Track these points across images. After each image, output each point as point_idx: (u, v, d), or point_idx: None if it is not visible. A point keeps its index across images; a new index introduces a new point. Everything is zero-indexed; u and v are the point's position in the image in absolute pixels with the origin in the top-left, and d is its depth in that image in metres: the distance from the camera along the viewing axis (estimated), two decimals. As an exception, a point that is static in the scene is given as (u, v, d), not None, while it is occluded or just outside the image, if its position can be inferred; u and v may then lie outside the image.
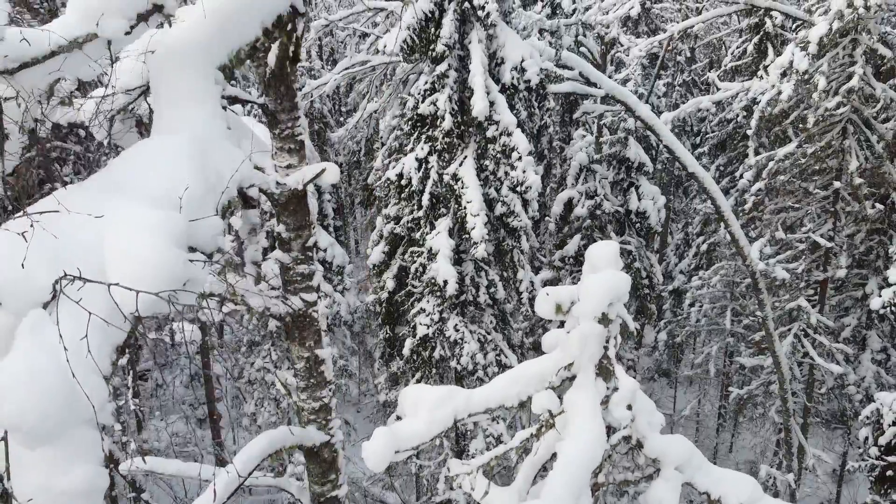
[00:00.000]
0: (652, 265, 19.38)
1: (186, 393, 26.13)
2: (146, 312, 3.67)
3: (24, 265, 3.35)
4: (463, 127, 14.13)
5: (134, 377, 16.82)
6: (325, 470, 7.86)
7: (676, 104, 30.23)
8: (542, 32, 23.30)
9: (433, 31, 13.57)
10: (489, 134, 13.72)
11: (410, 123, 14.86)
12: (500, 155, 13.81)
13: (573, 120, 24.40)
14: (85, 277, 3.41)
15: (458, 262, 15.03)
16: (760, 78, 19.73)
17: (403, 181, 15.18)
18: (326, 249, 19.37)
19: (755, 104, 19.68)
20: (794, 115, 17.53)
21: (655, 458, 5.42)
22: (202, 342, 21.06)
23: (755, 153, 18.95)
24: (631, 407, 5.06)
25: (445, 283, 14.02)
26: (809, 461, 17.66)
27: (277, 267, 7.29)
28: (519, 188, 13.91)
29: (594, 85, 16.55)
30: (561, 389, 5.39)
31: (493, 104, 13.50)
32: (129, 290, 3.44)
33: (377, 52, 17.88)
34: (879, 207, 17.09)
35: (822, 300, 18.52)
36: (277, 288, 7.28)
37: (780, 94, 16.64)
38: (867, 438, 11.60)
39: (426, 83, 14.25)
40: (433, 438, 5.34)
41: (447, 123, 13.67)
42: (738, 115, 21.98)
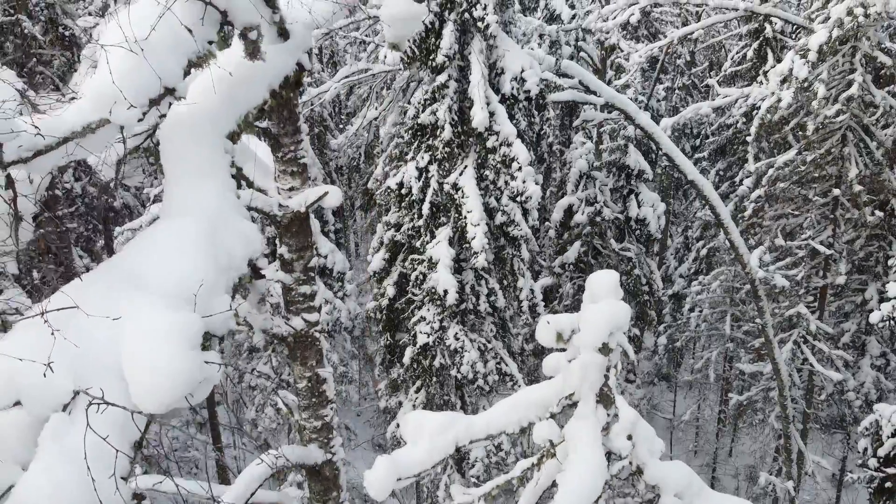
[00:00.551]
0: (652, 271, 19.42)
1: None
2: (163, 412, 3.79)
3: (45, 374, 3.47)
4: (463, 137, 14.16)
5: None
6: (326, 488, 7.90)
7: (676, 107, 30.28)
8: (542, 37, 23.38)
9: (433, 41, 13.60)
10: (489, 144, 13.75)
11: (411, 133, 14.89)
12: (500, 165, 13.84)
13: (573, 123, 24.44)
14: (104, 400, 3.54)
15: (458, 270, 15.07)
16: (760, 84, 19.75)
17: (404, 190, 15.21)
18: (327, 256, 19.39)
19: (755, 110, 19.72)
20: (794, 122, 17.55)
21: (655, 484, 5.46)
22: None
23: (755, 159, 18.98)
24: (631, 437, 5.11)
25: (446, 292, 14.06)
26: (809, 467, 17.71)
27: (279, 287, 7.33)
28: (519, 198, 13.94)
29: (594, 93, 16.56)
30: (562, 415, 5.43)
31: (493, 115, 13.53)
32: (143, 413, 3.62)
33: (376, 59, 17.92)
34: (879, 214, 17.11)
35: (821, 306, 18.56)
36: (279, 308, 7.32)
37: (779, 101, 16.65)
38: (866, 449, 11.64)
39: (426, 92, 14.29)
40: (434, 465, 5.38)
41: (447, 133, 13.70)
42: (737, 120, 22.00)
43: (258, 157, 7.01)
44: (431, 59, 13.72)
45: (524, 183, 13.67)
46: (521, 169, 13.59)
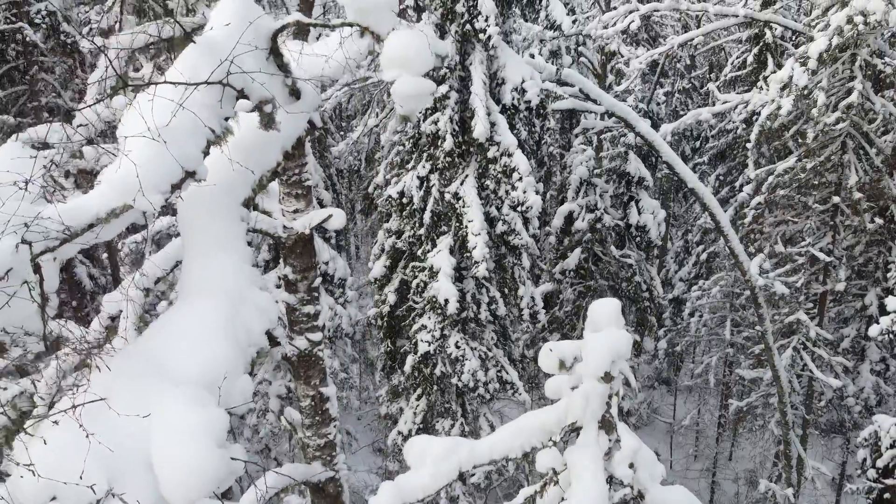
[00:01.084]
0: (652, 278, 19.48)
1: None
2: None
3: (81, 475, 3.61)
4: (464, 147, 14.21)
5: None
6: (329, 504, 7.96)
7: (676, 110, 30.31)
8: (542, 42, 23.39)
9: (435, 51, 13.63)
10: (490, 154, 13.80)
11: (412, 142, 14.95)
12: (500, 175, 13.89)
13: (573, 127, 24.48)
14: None
15: (459, 279, 15.12)
16: (760, 89, 19.78)
17: (405, 199, 15.27)
18: (328, 262, 19.42)
19: (755, 116, 19.76)
20: (794, 128, 17.59)
21: (656, 508, 5.52)
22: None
23: (756, 166, 19.03)
24: (633, 465, 5.17)
25: (446, 301, 14.11)
26: (809, 473, 17.77)
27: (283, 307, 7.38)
28: (520, 208, 14.00)
29: (594, 101, 16.62)
30: (565, 440, 5.49)
31: (493, 125, 13.58)
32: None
33: (377, 67, 17.93)
34: (879, 221, 17.15)
35: (821, 313, 18.61)
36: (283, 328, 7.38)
37: (779, 108, 16.70)
38: (865, 460, 11.70)
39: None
40: (438, 491, 5.44)
41: (448, 144, 13.75)
42: (737, 126, 22.04)
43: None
44: (433, 68, 13.75)
45: (525, 193, 13.72)
46: (521, 179, 13.65)
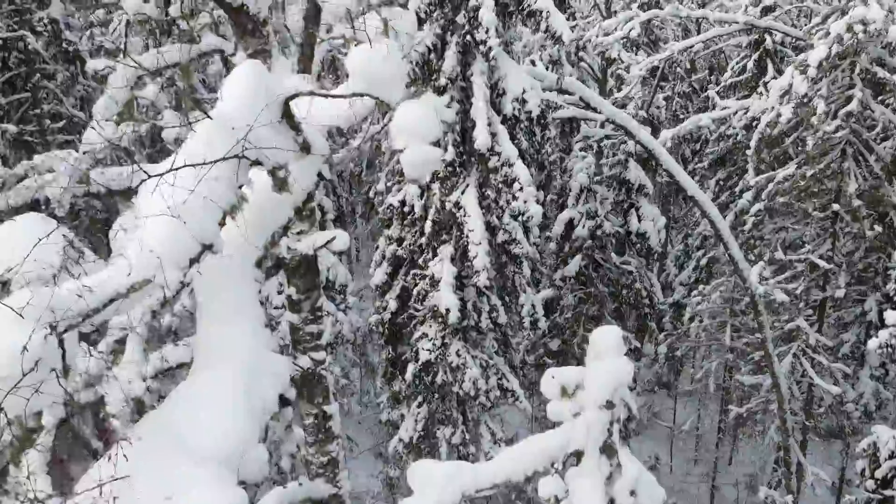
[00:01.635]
0: (652, 284, 19.55)
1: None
2: None
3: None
4: (465, 157, 14.27)
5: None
6: (333, 521, 8.02)
7: (676, 114, 30.35)
8: (543, 48, 23.41)
9: (436, 62, 13.71)
10: (491, 164, 13.84)
11: (413, 151, 14.97)
12: (501, 185, 13.94)
13: (573, 130, 24.49)
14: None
15: (460, 287, 15.17)
16: (760, 95, 19.84)
17: (406, 208, 15.34)
18: (329, 269, 19.47)
19: (755, 122, 19.80)
20: (793, 135, 17.65)
21: (657, 532, 5.58)
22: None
23: (756, 171, 19.08)
24: (634, 492, 5.23)
25: (448, 311, 14.16)
26: (809, 479, 17.83)
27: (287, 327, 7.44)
28: (521, 217, 14.05)
29: (594, 109, 16.66)
30: (567, 466, 5.55)
31: (494, 136, 13.62)
32: None
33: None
34: (878, 229, 17.19)
35: (820, 319, 18.67)
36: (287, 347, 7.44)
37: (779, 116, 16.76)
38: (864, 470, 11.77)
39: (429, 112, 14.37)
40: (442, 516, 5.49)
41: (450, 154, 13.81)
42: (737, 132, 22.08)
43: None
44: (434, 78, 13.83)
45: (525, 203, 13.77)
46: (522, 189, 13.69)
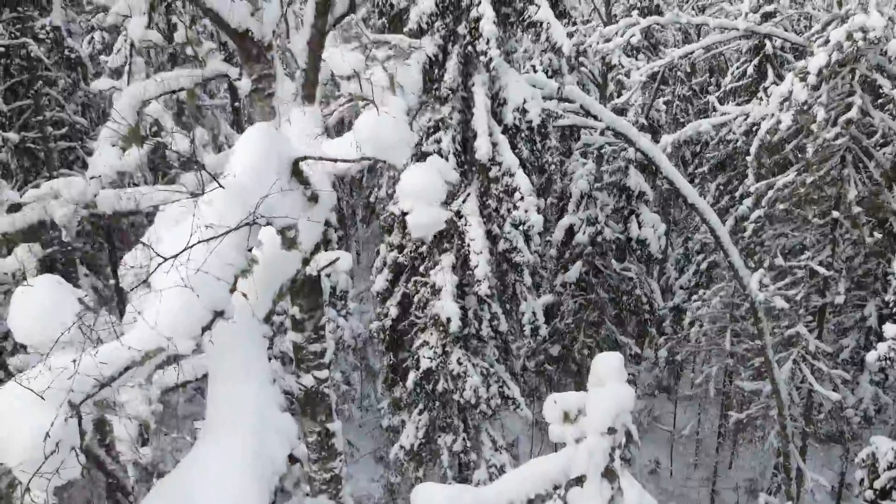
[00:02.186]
0: (652, 291, 19.59)
1: (190, 408, 26.29)
2: None
3: None
4: (466, 166, 14.32)
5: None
6: (335, 537, 8.07)
7: (676, 117, 30.41)
8: (544, 52, 23.43)
9: (437, 72, 13.76)
10: (492, 174, 13.90)
11: (414, 160, 15.02)
12: (502, 194, 14.00)
13: (573, 133, 24.54)
14: None
15: (461, 295, 15.22)
16: (760, 101, 19.88)
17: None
18: (330, 275, 19.53)
19: (755, 128, 19.86)
20: (793, 142, 17.69)
21: (658, 554, 5.64)
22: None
23: (756, 179, 19.14)
24: (635, 516, 5.30)
25: (448, 320, 14.21)
26: (808, 485, 17.90)
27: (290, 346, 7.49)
28: (521, 226, 14.10)
29: (595, 117, 16.71)
30: (569, 488, 5.60)
31: (495, 145, 13.69)
32: None
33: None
34: (878, 236, 17.24)
35: (820, 325, 18.72)
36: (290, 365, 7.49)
37: (779, 122, 16.81)
38: (862, 480, 11.82)
39: (430, 121, 14.44)
40: (444, 539, 5.55)
41: (451, 164, 13.84)
42: (737, 138, 22.13)
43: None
44: (435, 88, 13.89)
45: (526, 212, 13.83)
46: (523, 199, 13.76)
